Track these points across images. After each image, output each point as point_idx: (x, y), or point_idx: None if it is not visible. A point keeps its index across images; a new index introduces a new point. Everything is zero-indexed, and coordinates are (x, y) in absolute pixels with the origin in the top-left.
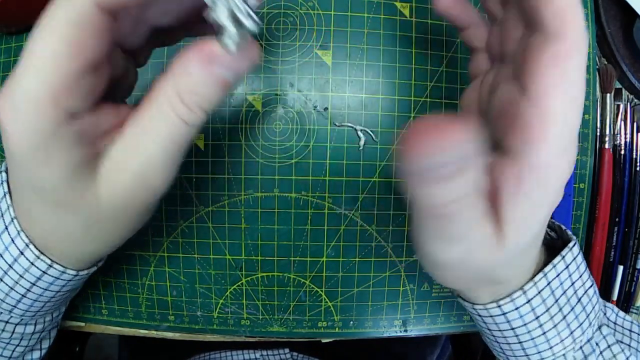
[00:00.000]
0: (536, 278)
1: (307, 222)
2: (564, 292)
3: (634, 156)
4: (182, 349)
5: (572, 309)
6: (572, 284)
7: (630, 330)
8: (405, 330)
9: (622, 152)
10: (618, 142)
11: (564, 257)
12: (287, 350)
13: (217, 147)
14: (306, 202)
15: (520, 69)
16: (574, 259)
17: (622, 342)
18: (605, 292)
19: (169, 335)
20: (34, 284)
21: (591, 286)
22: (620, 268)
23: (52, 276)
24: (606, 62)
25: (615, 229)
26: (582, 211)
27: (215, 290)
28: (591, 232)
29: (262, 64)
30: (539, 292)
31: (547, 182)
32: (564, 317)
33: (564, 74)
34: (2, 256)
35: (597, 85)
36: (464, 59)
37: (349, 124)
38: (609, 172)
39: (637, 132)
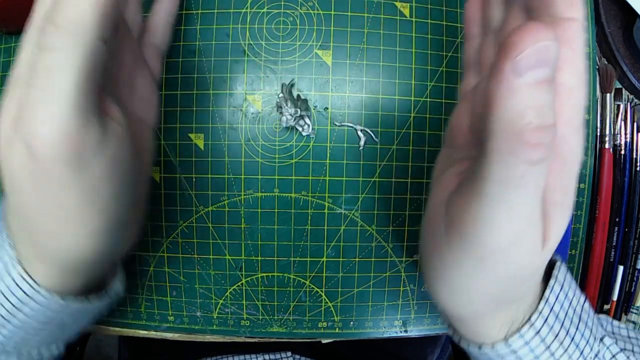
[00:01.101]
0: (540, 307)
1: (307, 222)
2: (566, 314)
3: (634, 156)
4: (182, 350)
5: (577, 328)
6: (570, 302)
7: (629, 337)
8: (406, 331)
9: (622, 152)
10: (618, 142)
11: (557, 278)
12: (289, 353)
13: (216, 147)
14: (306, 202)
15: None
16: (565, 277)
17: (625, 349)
18: (605, 292)
19: (169, 335)
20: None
21: (585, 299)
22: (620, 268)
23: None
24: (606, 62)
25: (615, 229)
26: (582, 211)
27: (215, 291)
28: (591, 232)
29: (262, 64)
30: (545, 321)
31: (571, 169)
32: (572, 339)
33: (574, 50)
34: None
35: (597, 85)
36: None
37: (349, 124)
38: (609, 172)
39: (637, 132)
